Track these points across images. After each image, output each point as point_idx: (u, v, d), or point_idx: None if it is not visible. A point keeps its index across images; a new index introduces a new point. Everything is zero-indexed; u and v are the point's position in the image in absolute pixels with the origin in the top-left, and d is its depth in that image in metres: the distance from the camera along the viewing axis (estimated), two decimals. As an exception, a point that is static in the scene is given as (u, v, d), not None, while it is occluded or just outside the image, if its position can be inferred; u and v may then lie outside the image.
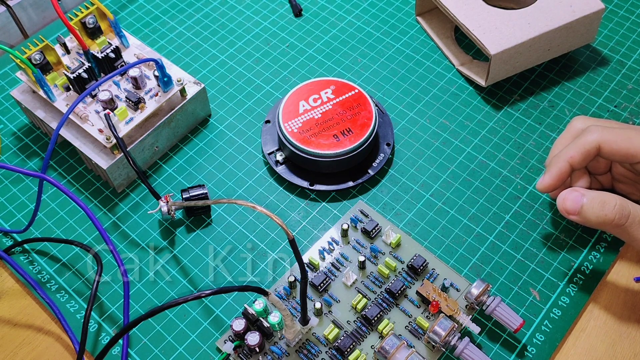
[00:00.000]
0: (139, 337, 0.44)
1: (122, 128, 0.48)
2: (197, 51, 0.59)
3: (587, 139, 0.42)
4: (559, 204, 0.41)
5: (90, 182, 0.51)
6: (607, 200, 0.40)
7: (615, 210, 0.39)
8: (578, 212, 0.40)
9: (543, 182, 0.43)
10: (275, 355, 0.41)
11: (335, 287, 0.44)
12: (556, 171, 0.43)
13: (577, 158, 0.42)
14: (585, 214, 0.40)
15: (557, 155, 0.43)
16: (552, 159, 0.44)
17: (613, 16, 0.60)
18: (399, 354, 0.39)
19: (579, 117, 0.46)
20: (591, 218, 0.40)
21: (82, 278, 0.46)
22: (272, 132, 0.52)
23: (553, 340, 0.43)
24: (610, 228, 0.40)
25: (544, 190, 0.44)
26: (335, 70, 0.57)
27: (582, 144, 0.42)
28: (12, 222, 0.49)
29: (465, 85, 0.56)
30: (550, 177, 0.43)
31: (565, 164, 0.43)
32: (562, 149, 0.43)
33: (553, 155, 0.44)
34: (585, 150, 0.42)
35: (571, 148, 0.43)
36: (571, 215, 0.41)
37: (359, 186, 0.50)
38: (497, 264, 0.46)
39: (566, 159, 0.42)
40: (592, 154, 0.42)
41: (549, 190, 0.44)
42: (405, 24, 0.61)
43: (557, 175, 0.43)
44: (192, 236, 0.48)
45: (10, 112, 0.56)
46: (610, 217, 0.39)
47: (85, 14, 0.49)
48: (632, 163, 0.42)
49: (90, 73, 0.48)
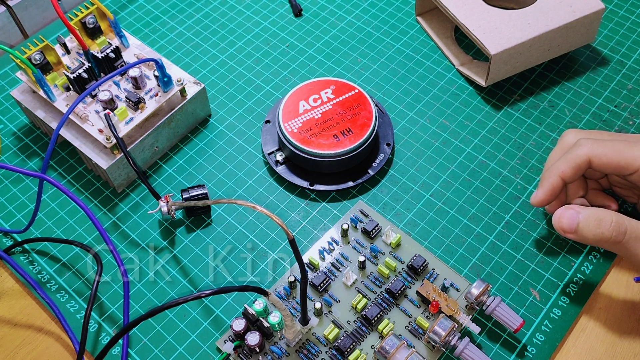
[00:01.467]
0: (139, 337, 0.44)
1: (122, 128, 0.48)
2: (197, 51, 0.59)
3: (577, 153, 0.42)
4: (555, 222, 0.41)
5: (90, 182, 0.51)
6: (603, 218, 0.40)
7: (611, 227, 0.39)
8: (574, 231, 0.40)
9: (536, 197, 0.44)
10: (275, 355, 0.41)
11: (335, 287, 0.44)
12: (548, 186, 0.43)
13: (568, 173, 0.43)
14: (581, 232, 0.40)
15: (548, 170, 0.43)
16: (544, 173, 0.44)
17: (613, 16, 0.60)
18: (399, 354, 0.39)
19: (570, 130, 0.45)
20: (588, 236, 0.40)
21: (82, 278, 0.46)
22: (272, 132, 0.52)
23: (553, 340, 0.43)
24: (607, 245, 0.40)
25: (537, 204, 0.44)
26: (335, 70, 0.57)
27: (572, 159, 0.42)
28: (12, 222, 0.49)
29: (465, 85, 0.56)
30: (543, 193, 0.43)
31: (557, 179, 0.43)
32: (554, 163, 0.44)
33: (546, 170, 0.44)
34: (575, 164, 0.42)
35: (562, 163, 0.43)
36: (568, 234, 0.41)
37: (359, 186, 0.50)
38: (497, 264, 0.46)
39: (557, 174, 0.43)
40: (582, 168, 0.42)
41: (543, 205, 0.44)
42: (405, 24, 0.61)
43: (549, 191, 0.43)
44: (192, 236, 0.48)
45: (10, 112, 0.56)
46: (607, 234, 0.39)
47: (85, 14, 0.49)
48: (623, 175, 0.42)
49: (90, 73, 0.48)
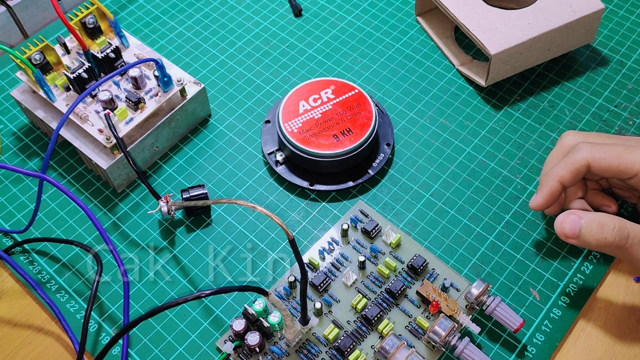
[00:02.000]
0: (139, 337, 0.44)
1: (122, 128, 0.48)
2: (197, 51, 0.59)
3: (576, 157, 0.42)
4: (557, 228, 0.41)
5: (90, 182, 0.51)
6: (605, 223, 0.39)
7: (614, 232, 0.39)
8: (577, 236, 0.40)
9: (535, 201, 0.44)
10: (275, 355, 0.41)
11: (335, 287, 0.44)
12: (547, 191, 0.43)
13: (567, 177, 0.42)
14: (584, 238, 0.40)
15: (547, 174, 0.43)
16: (543, 177, 0.44)
17: (613, 16, 0.59)
18: (399, 354, 0.39)
19: (569, 132, 0.45)
20: (590, 241, 0.40)
21: (82, 278, 0.46)
22: (272, 132, 0.52)
23: (553, 340, 0.43)
24: (609, 250, 0.40)
25: (536, 208, 0.44)
26: (335, 70, 0.57)
27: (571, 163, 0.42)
28: (12, 222, 0.49)
29: (465, 85, 0.56)
30: (542, 197, 0.43)
31: (555, 184, 0.43)
32: (552, 166, 0.44)
33: (544, 173, 0.44)
34: (574, 169, 0.42)
35: (561, 167, 0.43)
36: (570, 239, 0.40)
37: (359, 186, 0.50)
38: (497, 264, 0.46)
39: (556, 179, 0.43)
40: (581, 172, 0.42)
41: (542, 209, 0.44)
42: (405, 24, 0.61)
43: (548, 195, 0.43)
44: (192, 236, 0.48)
45: (10, 112, 0.56)
46: (610, 239, 0.39)
47: (85, 14, 0.49)
48: (622, 179, 0.42)
49: (90, 73, 0.48)
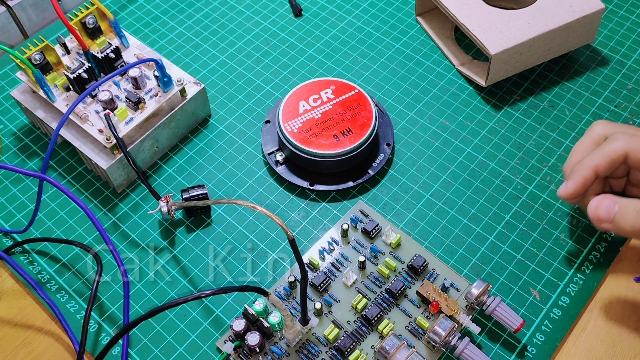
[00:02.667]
0: (139, 337, 0.44)
1: (122, 128, 0.48)
2: (197, 51, 0.59)
3: (613, 147, 0.41)
4: (590, 212, 0.40)
5: (90, 182, 0.51)
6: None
7: None
8: (611, 220, 0.39)
9: (566, 190, 0.42)
10: (275, 356, 0.41)
11: (335, 287, 0.44)
12: (580, 179, 0.41)
13: (603, 167, 0.41)
14: (618, 223, 0.39)
15: (580, 163, 0.42)
16: (576, 166, 0.42)
17: (613, 16, 0.59)
18: (399, 354, 0.39)
19: (599, 122, 0.44)
20: (625, 227, 0.38)
21: (82, 278, 0.46)
22: (272, 132, 0.52)
23: (553, 340, 0.43)
24: None
25: (566, 197, 0.42)
26: (335, 70, 0.57)
27: (608, 153, 0.41)
28: (12, 222, 0.49)
29: (465, 85, 0.56)
30: (574, 185, 0.42)
31: (589, 172, 0.41)
32: (583, 156, 0.42)
33: (573, 162, 0.43)
34: (611, 159, 0.41)
35: (597, 156, 0.41)
36: (603, 224, 0.39)
37: (359, 186, 0.50)
38: (497, 264, 0.46)
39: (591, 167, 0.41)
40: (618, 162, 0.41)
41: (570, 198, 0.42)
42: (405, 24, 0.61)
43: (581, 184, 0.41)
44: (192, 236, 0.48)
45: (10, 112, 0.56)
46: None
47: (85, 14, 0.49)
48: None
49: (90, 73, 0.48)
